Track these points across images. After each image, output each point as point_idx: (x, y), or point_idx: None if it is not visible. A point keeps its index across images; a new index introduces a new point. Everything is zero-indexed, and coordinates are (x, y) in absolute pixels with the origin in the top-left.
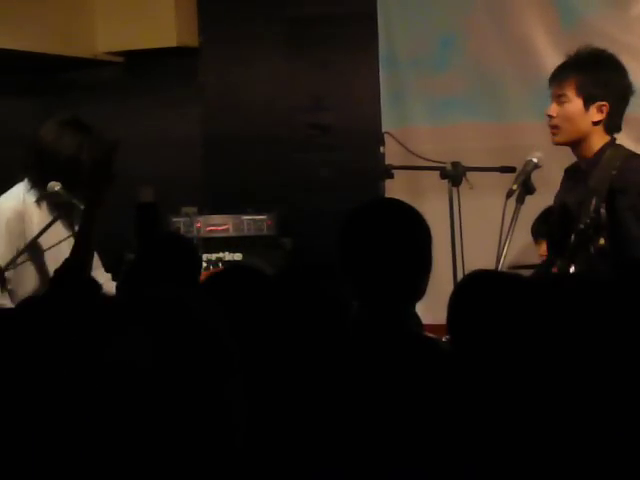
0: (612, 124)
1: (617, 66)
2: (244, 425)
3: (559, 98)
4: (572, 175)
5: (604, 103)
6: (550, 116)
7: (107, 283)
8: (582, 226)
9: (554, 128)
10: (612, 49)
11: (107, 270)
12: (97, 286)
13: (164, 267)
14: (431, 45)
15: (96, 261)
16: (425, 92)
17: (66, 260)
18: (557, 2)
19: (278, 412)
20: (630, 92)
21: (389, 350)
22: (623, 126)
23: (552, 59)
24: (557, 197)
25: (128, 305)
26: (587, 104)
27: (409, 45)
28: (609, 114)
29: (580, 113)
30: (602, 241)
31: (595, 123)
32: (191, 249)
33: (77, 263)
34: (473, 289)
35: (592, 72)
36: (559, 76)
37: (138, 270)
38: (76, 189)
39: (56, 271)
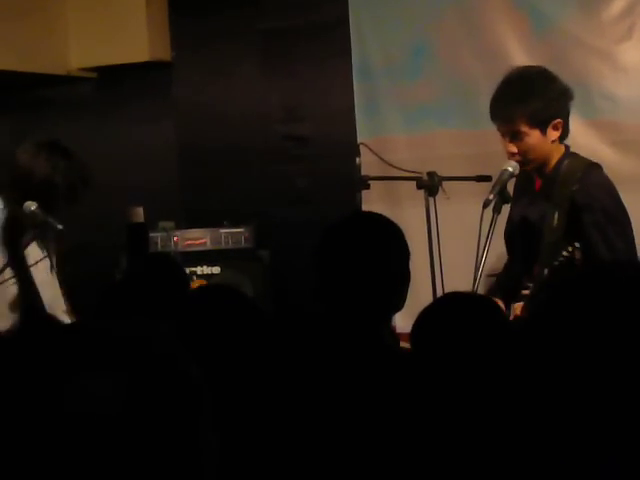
0: (564, 133)
1: (551, 77)
2: (216, 460)
3: (515, 136)
4: (527, 189)
5: (558, 120)
6: (512, 153)
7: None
8: (559, 261)
9: (520, 162)
10: (583, 53)
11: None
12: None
13: (150, 290)
14: (404, 54)
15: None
16: (399, 101)
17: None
18: (528, 8)
19: (255, 438)
20: (570, 94)
21: (363, 365)
22: (595, 131)
23: (524, 64)
24: (513, 211)
25: (92, 344)
26: (544, 130)
27: (382, 54)
28: (562, 126)
29: (540, 141)
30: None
31: (554, 141)
32: (178, 269)
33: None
34: (438, 311)
35: (535, 99)
36: (504, 115)
37: (122, 292)
38: (52, 210)
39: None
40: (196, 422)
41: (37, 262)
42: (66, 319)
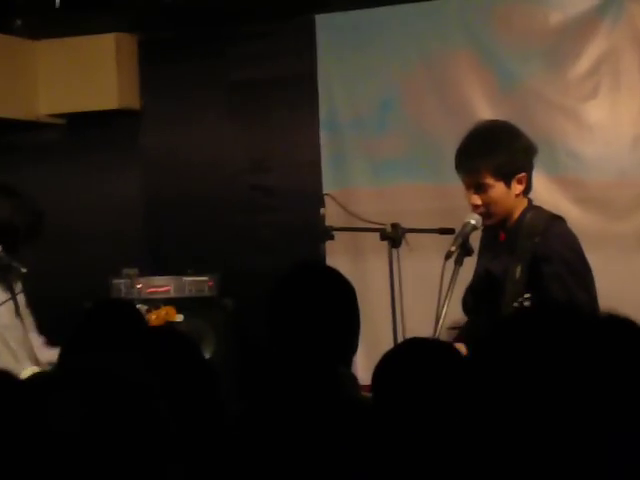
0: (528, 187)
1: (516, 131)
2: None
3: (480, 188)
4: (492, 244)
5: (522, 174)
6: (475, 205)
7: (39, 348)
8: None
9: (483, 215)
10: (549, 110)
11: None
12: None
13: (107, 332)
14: (371, 107)
15: (29, 324)
16: (365, 153)
17: None
18: (495, 65)
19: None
20: (534, 150)
21: (321, 411)
22: (560, 187)
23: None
24: (479, 266)
25: (62, 377)
26: (508, 183)
27: (349, 107)
28: (527, 180)
29: (504, 194)
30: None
31: (518, 195)
32: (133, 312)
33: None
34: (400, 357)
35: (500, 152)
36: (469, 167)
37: (80, 335)
38: (15, 251)
39: None
40: (161, 451)
41: (1, 304)
42: (32, 362)
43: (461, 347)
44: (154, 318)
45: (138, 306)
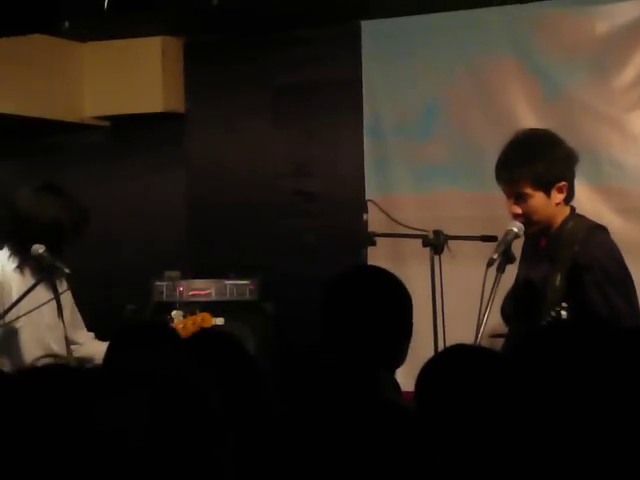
0: (570, 196)
1: (556, 140)
2: None
3: (520, 197)
4: (533, 251)
5: (563, 183)
6: (516, 214)
7: (89, 342)
8: (547, 321)
9: (525, 224)
10: (593, 120)
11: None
12: None
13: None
14: (415, 114)
15: (78, 321)
16: (408, 160)
17: None
18: (540, 73)
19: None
20: (575, 158)
21: (361, 416)
22: (602, 197)
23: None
24: (520, 274)
25: (119, 374)
26: (548, 192)
27: (393, 113)
28: (567, 189)
29: (545, 203)
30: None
31: (558, 204)
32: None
33: None
34: (445, 363)
35: (540, 161)
36: (508, 177)
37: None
38: (59, 251)
39: None
40: (218, 450)
41: (43, 304)
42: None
43: None
44: (190, 324)
45: (174, 313)
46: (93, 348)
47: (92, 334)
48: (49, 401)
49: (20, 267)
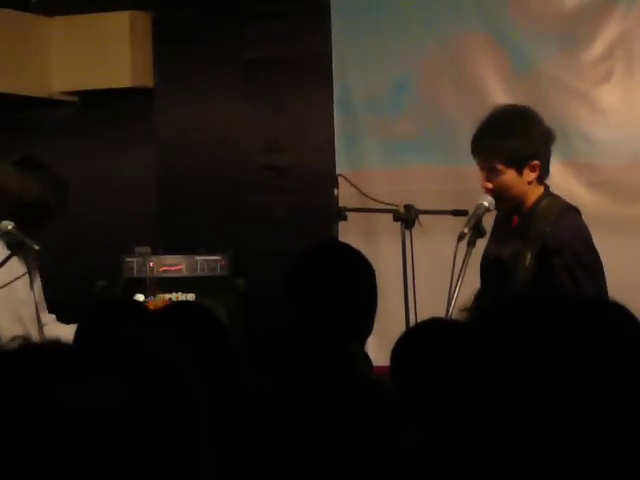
0: (543, 174)
1: (534, 118)
2: (210, 463)
3: (492, 172)
4: (505, 228)
5: (536, 162)
6: (487, 189)
7: (52, 324)
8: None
9: (497, 200)
10: (562, 94)
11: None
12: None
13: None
14: (385, 88)
15: (41, 301)
16: (379, 134)
17: None
18: (510, 47)
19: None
20: (552, 137)
21: (333, 389)
22: (572, 171)
23: (504, 103)
24: (489, 249)
25: (91, 351)
26: (520, 170)
27: (363, 88)
28: (540, 168)
29: (516, 180)
30: None
31: (530, 182)
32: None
33: None
34: (420, 337)
35: (516, 137)
36: (482, 151)
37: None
38: (29, 229)
39: None
40: (196, 425)
41: (16, 279)
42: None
43: None
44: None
45: (135, 297)
46: (57, 330)
47: (54, 316)
48: (17, 382)
49: None
